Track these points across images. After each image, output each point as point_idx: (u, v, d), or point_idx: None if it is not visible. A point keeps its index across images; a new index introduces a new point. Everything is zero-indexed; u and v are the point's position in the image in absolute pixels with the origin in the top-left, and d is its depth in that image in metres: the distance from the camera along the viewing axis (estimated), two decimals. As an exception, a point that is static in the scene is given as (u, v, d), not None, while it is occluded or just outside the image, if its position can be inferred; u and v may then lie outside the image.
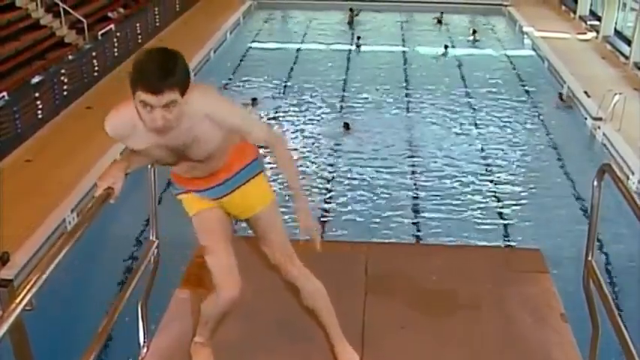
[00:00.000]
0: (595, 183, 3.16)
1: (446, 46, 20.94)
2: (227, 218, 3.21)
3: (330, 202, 11.65)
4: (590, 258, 3.29)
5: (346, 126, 14.81)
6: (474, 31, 22.78)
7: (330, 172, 12.82)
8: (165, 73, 2.57)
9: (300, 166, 12.81)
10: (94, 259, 8.82)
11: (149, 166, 3.30)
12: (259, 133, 2.98)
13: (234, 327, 3.61)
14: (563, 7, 25.98)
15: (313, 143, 14.20)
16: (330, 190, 12.07)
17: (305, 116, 15.67)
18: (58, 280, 2.46)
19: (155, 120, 2.62)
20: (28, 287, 2.13)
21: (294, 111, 16.02)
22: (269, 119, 15.10)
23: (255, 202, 3.16)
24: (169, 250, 3.81)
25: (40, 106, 13.52)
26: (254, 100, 16.01)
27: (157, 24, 20.62)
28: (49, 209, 10.13)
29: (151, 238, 3.39)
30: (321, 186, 12.18)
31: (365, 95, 17.12)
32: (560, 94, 16.74)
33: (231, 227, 3.24)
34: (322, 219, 10.86)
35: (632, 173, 11.89)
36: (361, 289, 4.08)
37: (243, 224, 3.27)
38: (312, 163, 13.17)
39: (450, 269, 4.34)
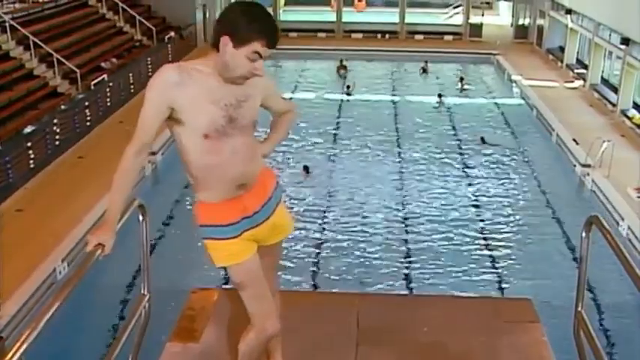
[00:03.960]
0: (583, 234, 3.19)
1: (439, 95, 21.15)
2: (260, 261, 3.21)
3: (320, 251, 11.66)
4: (580, 309, 3.30)
5: (306, 169, 14.78)
6: (462, 79, 23.11)
7: (320, 222, 12.83)
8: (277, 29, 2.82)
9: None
10: (84, 312, 8.74)
11: (140, 219, 3.30)
12: (287, 105, 3.39)
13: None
14: (551, 56, 26.44)
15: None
16: (321, 241, 12.06)
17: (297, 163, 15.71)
18: (48, 333, 2.45)
19: (258, 69, 2.83)
20: (18, 345, 2.13)
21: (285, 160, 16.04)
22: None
23: (288, 223, 3.31)
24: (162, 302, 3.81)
25: (32, 156, 13.55)
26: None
27: (150, 74, 20.76)
28: (40, 259, 10.08)
29: (142, 292, 3.39)
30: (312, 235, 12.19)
31: (356, 142, 17.32)
32: (482, 137, 17.36)
33: None
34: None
35: (622, 219, 11.95)
36: (353, 341, 4.07)
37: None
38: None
39: (441, 320, 4.33)
